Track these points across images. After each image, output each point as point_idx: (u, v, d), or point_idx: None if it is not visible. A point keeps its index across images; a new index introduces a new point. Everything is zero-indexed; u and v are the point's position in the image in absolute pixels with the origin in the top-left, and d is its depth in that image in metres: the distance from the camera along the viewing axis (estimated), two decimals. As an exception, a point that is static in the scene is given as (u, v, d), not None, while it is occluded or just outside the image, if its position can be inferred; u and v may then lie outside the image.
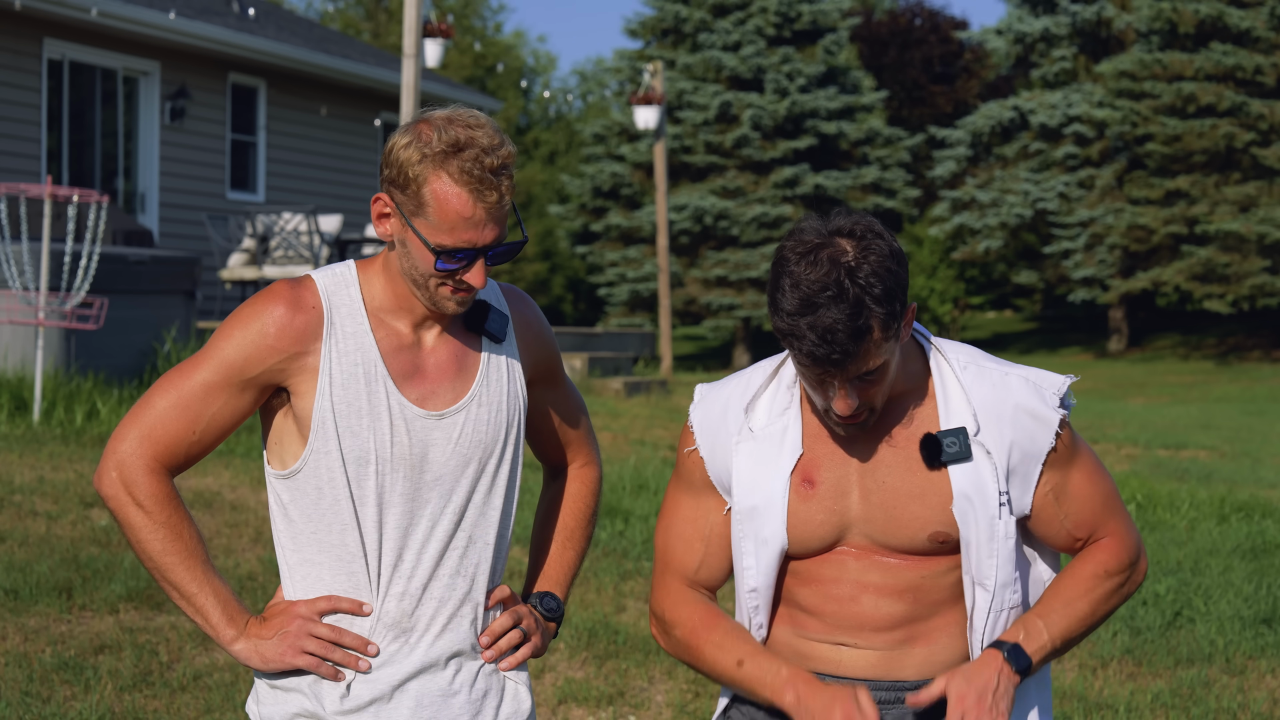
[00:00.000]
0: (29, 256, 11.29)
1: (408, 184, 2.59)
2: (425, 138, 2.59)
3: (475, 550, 2.75)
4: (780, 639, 2.77)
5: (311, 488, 2.68)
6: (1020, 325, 40.60)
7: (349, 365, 2.67)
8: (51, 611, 6.40)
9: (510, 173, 2.63)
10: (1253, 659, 6.50)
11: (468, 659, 2.77)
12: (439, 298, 2.65)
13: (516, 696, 2.82)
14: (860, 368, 2.53)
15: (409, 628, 2.72)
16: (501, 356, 2.79)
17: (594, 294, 40.52)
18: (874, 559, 2.69)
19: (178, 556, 2.66)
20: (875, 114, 35.56)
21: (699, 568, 2.82)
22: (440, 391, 2.72)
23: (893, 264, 2.52)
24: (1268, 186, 29.66)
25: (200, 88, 20.00)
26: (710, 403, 2.80)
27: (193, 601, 2.68)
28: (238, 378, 2.65)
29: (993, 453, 2.65)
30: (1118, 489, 2.84)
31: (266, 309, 2.65)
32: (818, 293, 2.48)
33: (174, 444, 2.66)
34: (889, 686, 2.70)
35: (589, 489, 3.03)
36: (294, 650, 2.68)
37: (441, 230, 2.59)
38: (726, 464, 2.75)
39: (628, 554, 7.95)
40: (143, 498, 2.64)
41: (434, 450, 2.70)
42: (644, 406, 15.40)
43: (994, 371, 2.70)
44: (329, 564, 2.70)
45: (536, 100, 54.80)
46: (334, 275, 2.72)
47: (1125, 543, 2.78)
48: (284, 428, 2.71)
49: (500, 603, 2.81)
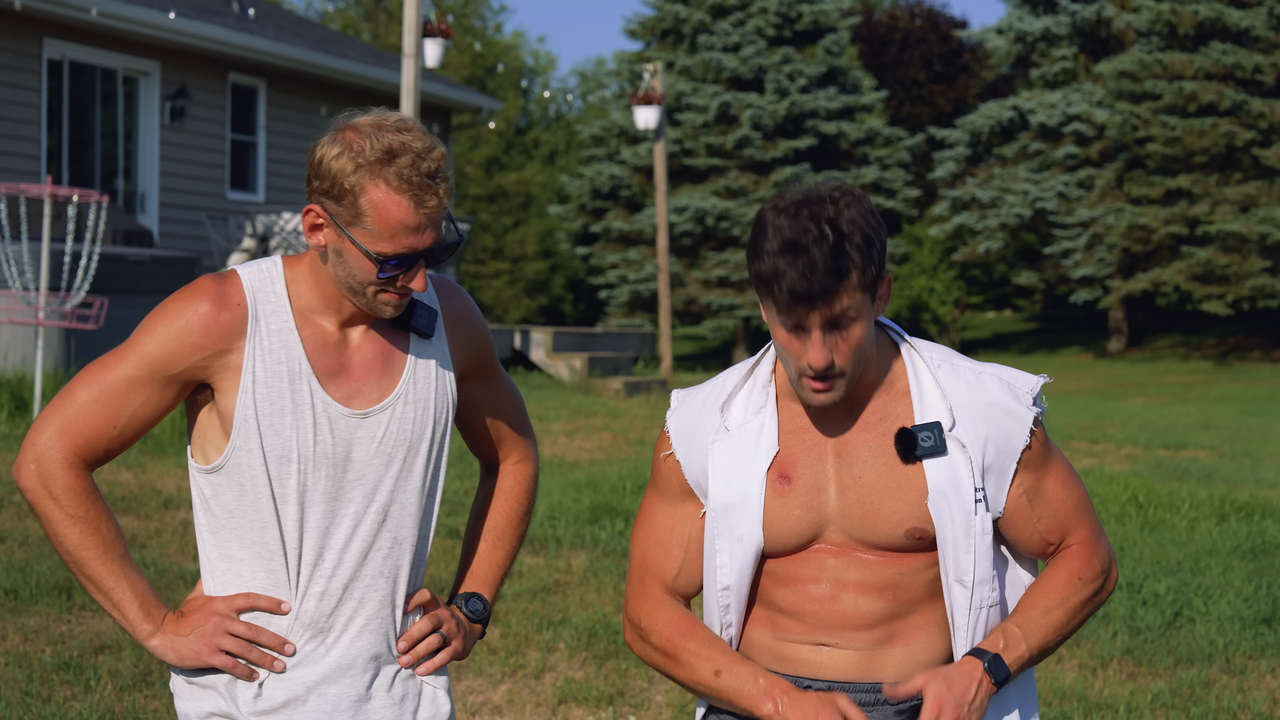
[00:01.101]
0: (29, 256, 11.29)
1: (343, 194, 2.57)
2: (357, 146, 2.55)
3: (399, 550, 2.73)
4: (760, 642, 2.76)
5: (233, 484, 2.66)
6: (1020, 325, 40.61)
7: (273, 363, 2.65)
8: (51, 611, 6.40)
9: (446, 175, 2.60)
10: (1253, 659, 6.49)
11: (385, 662, 2.75)
12: (377, 304, 2.64)
13: (435, 701, 2.80)
14: (836, 308, 2.53)
15: (327, 628, 2.70)
16: (430, 353, 2.77)
17: (594, 294, 40.53)
18: (852, 556, 2.68)
19: (94, 551, 2.64)
20: (875, 114, 35.58)
21: (677, 574, 2.80)
22: (365, 390, 2.70)
23: (872, 221, 2.57)
24: (1268, 186, 29.66)
25: (200, 88, 20.00)
26: (687, 407, 2.80)
27: (109, 596, 2.66)
28: (160, 374, 2.63)
29: (968, 447, 2.66)
30: (1089, 497, 2.83)
31: (191, 305, 2.64)
32: (800, 235, 2.53)
33: (93, 438, 2.64)
34: (869, 689, 2.70)
35: (523, 486, 2.99)
36: (210, 648, 2.66)
37: (382, 238, 2.57)
38: (703, 464, 2.74)
39: (628, 554, 7.95)
40: (59, 492, 2.63)
41: (357, 449, 2.69)
42: (644, 406, 15.40)
43: (968, 370, 2.72)
44: (249, 560, 2.68)
45: (536, 100, 54.80)
46: (260, 272, 2.70)
47: (1097, 549, 2.78)
48: (208, 423, 2.69)
49: (420, 606, 2.79)
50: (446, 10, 44.90)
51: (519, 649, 6.37)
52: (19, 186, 11.05)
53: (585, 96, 55.08)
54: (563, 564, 7.72)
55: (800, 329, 2.56)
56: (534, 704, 5.82)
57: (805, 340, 2.57)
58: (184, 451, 9.99)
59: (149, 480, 9.05)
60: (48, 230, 10.67)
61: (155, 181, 19.47)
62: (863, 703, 2.70)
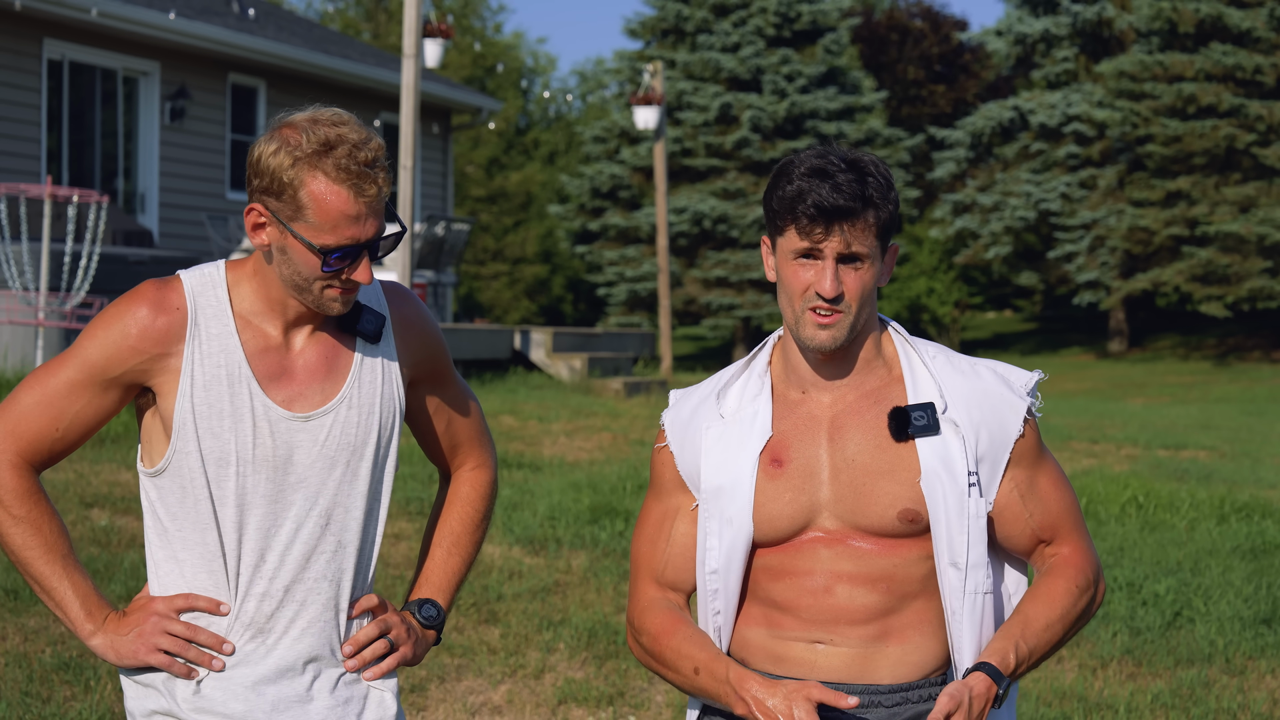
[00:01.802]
0: (29, 256, 11.30)
1: (283, 189, 2.59)
2: (294, 141, 2.58)
3: (343, 554, 2.74)
4: (755, 641, 2.76)
5: (176, 486, 2.69)
6: (1020, 326, 40.61)
7: (212, 367, 2.67)
8: (51, 612, 6.40)
9: (384, 165, 2.63)
10: (1253, 659, 6.50)
11: (327, 664, 2.76)
12: (324, 300, 2.65)
13: (382, 704, 2.80)
14: (852, 236, 2.62)
15: (267, 629, 2.72)
16: (377, 357, 2.77)
17: (594, 294, 40.52)
18: (846, 545, 2.70)
19: (37, 551, 2.69)
20: (875, 114, 35.58)
21: (665, 567, 2.82)
22: (308, 394, 2.72)
23: (890, 177, 2.68)
24: (1267, 187, 29.66)
25: (200, 88, 20.00)
26: (683, 404, 2.85)
27: (53, 595, 2.71)
28: (100, 377, 2.67)
29: (961, 427, 2.67)
30: (1080, 508, 2.85)
31: (129, 310, 2.67)
32: (827, 165, 2.65)
33: (37, 440, 2.69)
34: (863, 690, 2.70)
35: (479, 493, 2.98)
36: (148, 647, 2.69)
37: (324, 230, 2.59)
38: (696, 453, 2.77)
39: (628, 554, 7.94)
40: (3, 493, 2.68)
41: (299, 452, 2.70)
42: (644, 407, 15.40)
43: (963, 361, 2.77)
44: (191, 561, 2.71)
45: (536, 101, 54.80)
46: (202, 276, 2.72)
47: (1090, 558, 2.79)
48: (152, 426, 2.73)
49: (368, 611, 2.80)
50: (446, 10, 44.89)
51: (519, 649, 6.37)
52: (19, 187, 11.06)
53: (585, 97, 55.08)
54: (563, 564, 7.72)
55: (814, 254, 2.64)
56: (534, 704, 5.83)
57: (816, 269, 2.64)
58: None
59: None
60: (48, 230, 10.68)
61: (155, 182, 19.48)
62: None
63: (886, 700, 2.70)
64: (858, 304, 2.65)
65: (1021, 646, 2.67)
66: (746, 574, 2.76)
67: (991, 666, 2.64)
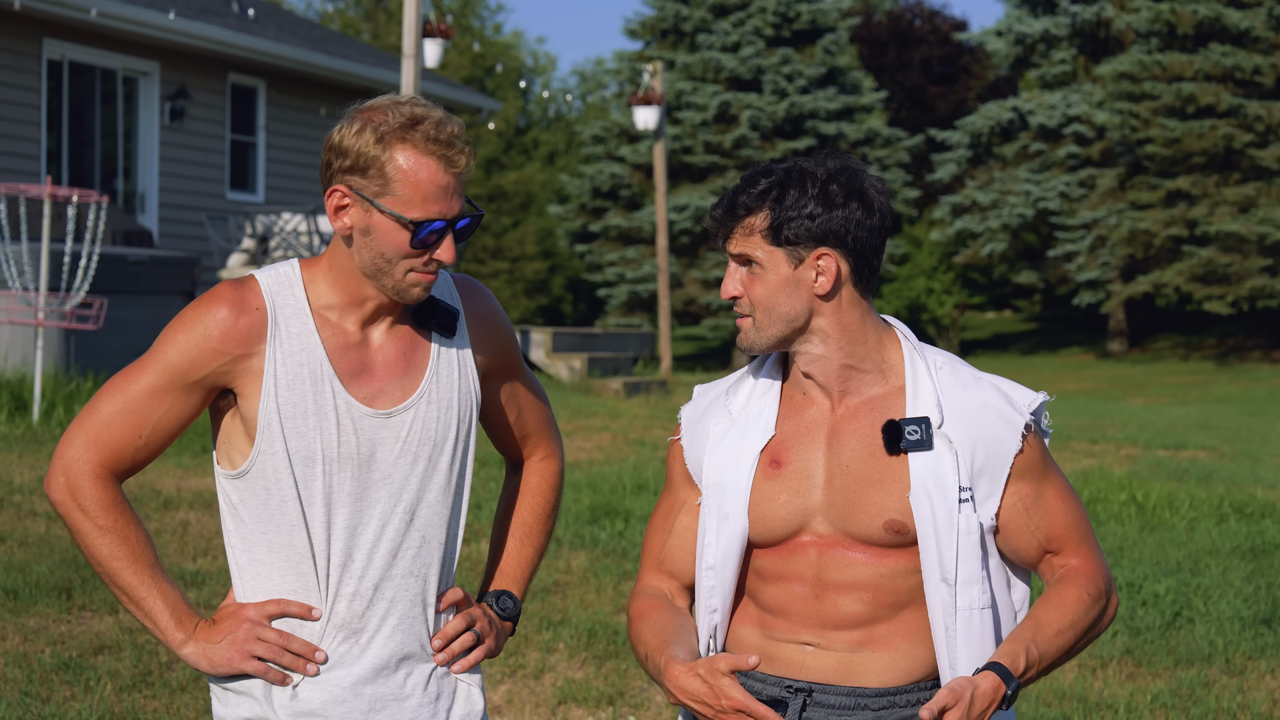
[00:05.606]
0: (29, 257, 11.30)
1: (369, 165, 2.58)
2: (378, 120, 2.60)
3: (428, 550, 2.74)
4: (749, 640, 2.79)
5: (260, 488, 2.67)
6: (1020, 326, 40.60)
7: (294, 365, 2.66)
8: (51, 611, 6.40)
9: (468, 141, 2.63)
10: (1252, 659, 6.50)
11: (419, 661, 2.76)
12: (406, 284, 2.64)
13: (469, 698, 2.81)
14: (733, 236, 2.70)
15: (359, 629, 2.71)
16: (452, 351, 2.77)
17: (593, 294, 40.51)
18: (835, 553, 2.71)
19: (125, 561, 2.66)
20: (875, 115, 35.56)
21: (664, 556, 2.85)
22: (388, 390, 2.71)
23: (827, 198, 2.65)
24: (1267, 187, 29.66)
25: (200, 88, 20.00)
26: (701, 399, 2.87)
27: (141, 605, 2.68)
28: (182, 381, 2.64)
29: (955, 444, 2.67)
30: (1090, 522, 2.83)
31: (210, 311, 2.65)
32: (762, 171, 2.72)
33: (120, 449, 2.66)
34: (849, 692, 2.71)
35: (549, 483, 3.00)
36: (241, 654, 2.68)
37: (413, 203, 2.58)
38: (702, 448, 2.80)
39: (628, 554, 7.95)
40: (88, 503, 2.64)
41: (382, 449, 2.69)
42: (643, 407, 15.40)
43: (967, 374, 2.75)
44: (278, 564, 2.69)
45: (536, 100, 54.78)
46: (278, 275, 2.70)
47: (1100, 569, 2.78)
48: (232, 428, 2.70)
49: (453, 605, 2.80)
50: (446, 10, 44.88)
51: (519, 649, 6.37)
52: (19, 187, 11.05)
53: (585, 97, 55.07)
54: (562, 564, 7.72)
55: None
56: (534, 704, 5.83)
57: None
58: (183, 452, 10.00)
59: (149, 480, 9.05)
60: (47, 230, 10.67)
61: (155, 182, 19.47)
62: (842, 706, 2.71)
63: (873, 704, 2.71)
64: (762, 310, 2.68)
65: (1032, 650, 2.66)
66: (743, 575, 2.78)
67: (1002, 666, 2.62)
